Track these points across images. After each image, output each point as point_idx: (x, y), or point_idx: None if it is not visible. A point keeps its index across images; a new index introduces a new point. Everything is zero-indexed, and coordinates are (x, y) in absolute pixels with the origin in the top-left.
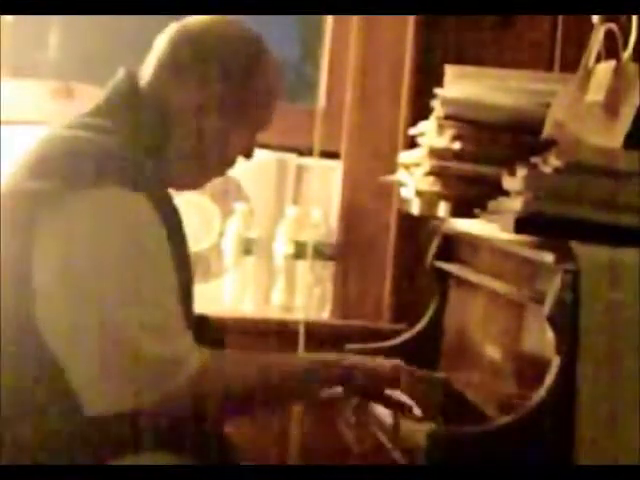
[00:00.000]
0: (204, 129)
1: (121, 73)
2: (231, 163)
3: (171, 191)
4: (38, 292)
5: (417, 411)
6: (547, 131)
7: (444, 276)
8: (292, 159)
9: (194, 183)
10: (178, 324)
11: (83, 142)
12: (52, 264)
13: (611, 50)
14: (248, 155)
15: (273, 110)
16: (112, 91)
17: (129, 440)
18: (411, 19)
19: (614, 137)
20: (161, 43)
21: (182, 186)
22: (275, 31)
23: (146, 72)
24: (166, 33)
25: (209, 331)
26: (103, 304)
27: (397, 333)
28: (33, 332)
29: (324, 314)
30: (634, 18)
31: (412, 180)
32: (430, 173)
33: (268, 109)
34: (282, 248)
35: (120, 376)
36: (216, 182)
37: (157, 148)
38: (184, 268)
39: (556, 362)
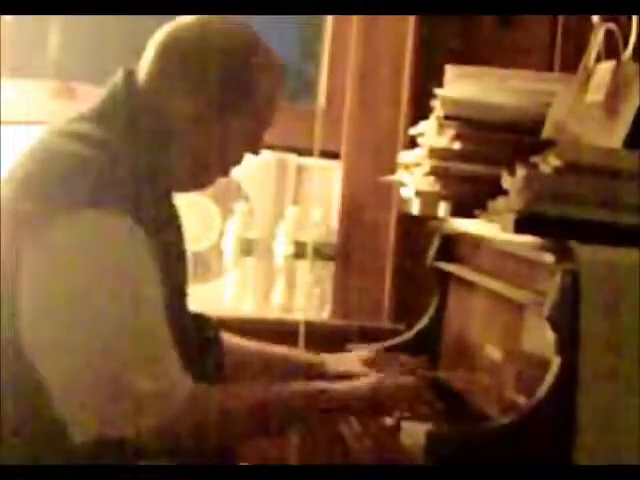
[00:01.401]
0: (204, 131)
1: (119, 74)
2: (235, 162)
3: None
4: (25, 318)
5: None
6: (547, 131)
7: (444, 276)
8: (292, 159)
9: (198, 185)
10: (166, 354)
11: (71, 160)
12: (37, 291)
13: (611, 50)
14: (255, 152)
15: (275, 106)
16: (109, 94)
17: (122, 459)
18: (411, 19)
19: (614, 137)
20: (154, 46)
21: (185, 188)
22: (275, 31)
23: (141, 75)
24: (158, 35)
25: (207, 330)
26: (88, 333)
27: (397, 333)
28: (20, 356)
29: (324, 314)
30: (634, 18)
31: (412, 180)
32: (430, 173)
33: (270, 106)
34: (282, 248)
35: (102, 405)
36: (216, 182)
37: (156, 152)
38: (177, 276)
39: (556, 362)
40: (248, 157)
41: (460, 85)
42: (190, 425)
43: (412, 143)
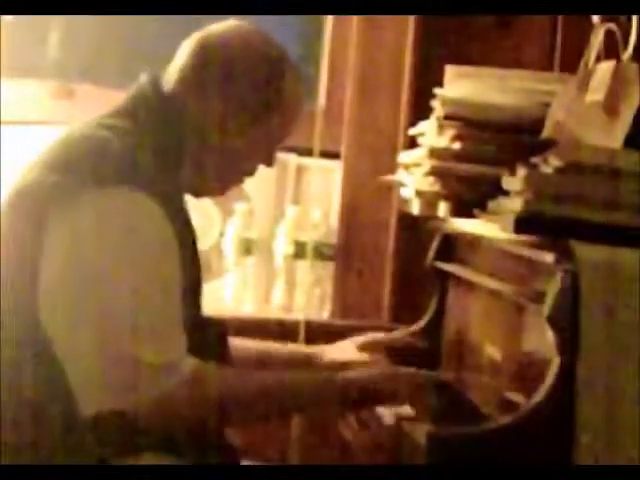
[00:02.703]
0: (224, 140)
1: (144, 78)
2: (251, 173)
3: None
4: (43, 287)
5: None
6: (547, 131)
7: (444, 276)
8: (292, 159)
9: (212, 191)
10: (174, 331)
11: (100, 141)
12: (58, 262)
13: (611, 50)
14: (269, 164)
15: (295, 121)
16: (134, 94)
17: (129, 442)
18: (411, 19)
19: (614, 137)
20: (184, 52)
21: (200, 193)
22: (275, 31)
23: (168, 80)
24: (190, 41)
25: (212, 332)
26: (100, 306)
27: None
28: (37, 327)
29: (324, 314)
30: (634, 18)
31: (412, 180)
32: (430, 173)
33: (290, 121)
34: (282, 248)
35: (107, 377)
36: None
37: (176, 154)
38: (192, 270)
39: (556, 362)
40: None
41: (460, 85)
42: (191, 401)
43: (412, 143)
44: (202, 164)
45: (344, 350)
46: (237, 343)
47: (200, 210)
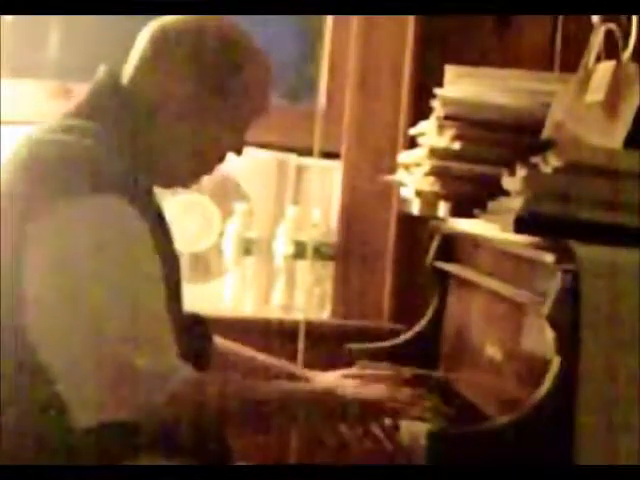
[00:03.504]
0: (186, 127)
1: (101, 71)
2: (219, 160)
3: (169, 191)
4: (28, 301)
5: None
6: (547, 131)
7: (444, 276)
8: (292, 159)
9: (182, 181)
10: (166, 338)
11: (71, 148)
12: (43, 273)
13: (611, 50)
14: (238, 151)
15: (261, 106)
16: (93, 90)
17: (126, 450)
18: (411, 19)
19: (614, 137)
20: (142, 41)
21: (170, 184)
22: (275, 31)
23: (128, 70)
24: (146, 30)
25: (196, 330)
26: (92, 316)
27: (397, 333)
28: (23, 340)
29: (324, 314)
30: (634, 18)
31: (412, 180)
32: (430, 173)
33: (255, 106)
34: (282, 248)
35: (105, 388)
36: (216, 182)
37: (141, 147)
38: (171, 270)
39: (556, 362)
40: (246, 157)
41: (460, 85)
42: (186, 409)
43: (412, 143)
44: (167, 154)
45: (329, 380)
46: (227, 346)
47: (199, 210)
